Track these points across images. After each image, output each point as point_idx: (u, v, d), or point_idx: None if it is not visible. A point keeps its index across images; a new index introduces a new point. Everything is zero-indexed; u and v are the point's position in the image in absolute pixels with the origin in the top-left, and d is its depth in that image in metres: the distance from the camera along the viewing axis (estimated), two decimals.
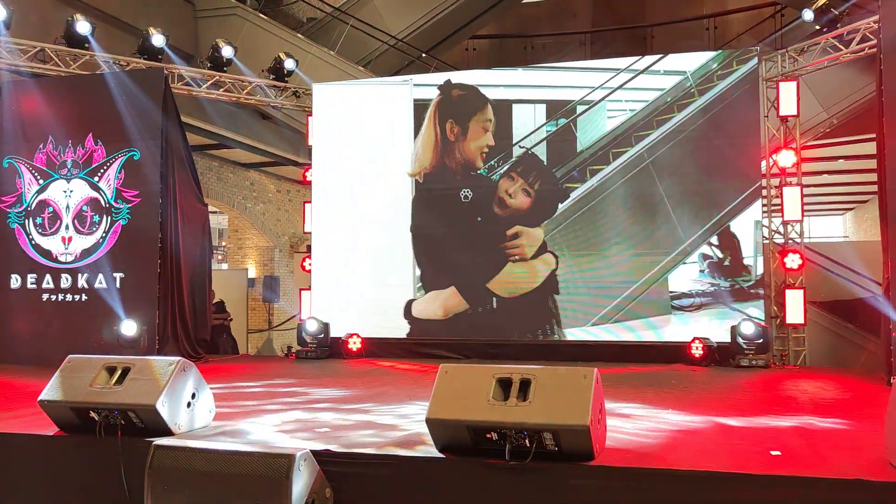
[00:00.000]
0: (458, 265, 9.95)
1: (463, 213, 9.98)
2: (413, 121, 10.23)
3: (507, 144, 9.92)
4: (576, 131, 9.78)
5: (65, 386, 4.47)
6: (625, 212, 9.59)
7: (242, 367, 8.98)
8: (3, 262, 9.37)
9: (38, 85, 9.48)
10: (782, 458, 3.85)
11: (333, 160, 10.52)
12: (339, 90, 10.84)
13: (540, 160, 9.87)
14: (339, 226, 10.41)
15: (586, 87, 9.86)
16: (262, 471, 3.56)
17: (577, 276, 9.61)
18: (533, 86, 10.21)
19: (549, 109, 9.96)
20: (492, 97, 10.07)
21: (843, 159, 14.47)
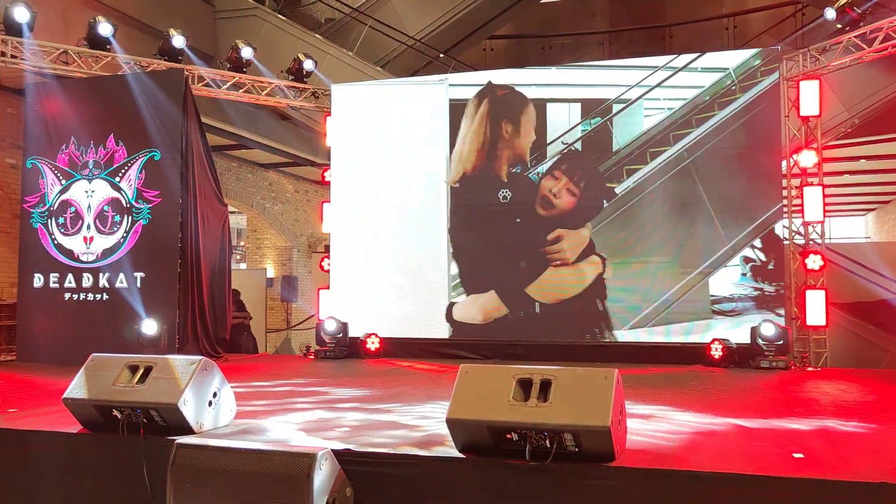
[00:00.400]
0: (497, 268, 9.82)
1: (503, 215, 9.85)
2: (448, 121, 10.13)
3: (543, 144, 9.79)
4: (612, 130, 9.62)
5: (89, 384, 4.51)
6: (663, 213, 9.41)
7: (261, 367, 9.02)
8: (27, 261, 9.48)
9: (60, 86, 9.58)
10: (805, 461, 3.82)
11: (352, 160, 10.54)
12: (358, 90, 10.86)
13: (583, 156, 9.74)
14: (358, 226, 10.43)
15: (622, 85, 9.69)
16: (283, 470, 3.58)
17: (614, 279, 9.44)
18: (567, 84, 10.06)
19: (585, 108, 9.80)
20: (526, 96, 9.95)
21: (864, 159, 14.33)
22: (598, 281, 9.46)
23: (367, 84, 11.58)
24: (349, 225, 10.49)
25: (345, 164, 10.59)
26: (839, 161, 13.88)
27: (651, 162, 9.47)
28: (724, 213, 9.15)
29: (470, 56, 16.92)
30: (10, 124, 9.91)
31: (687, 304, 9.18)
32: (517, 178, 9.85)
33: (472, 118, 10.10)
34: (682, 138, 9.40)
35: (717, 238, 9.17)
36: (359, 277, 10.35)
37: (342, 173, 10.59)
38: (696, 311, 9.18)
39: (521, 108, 9.97)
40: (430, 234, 10.13)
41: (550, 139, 9.80)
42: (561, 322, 9.56)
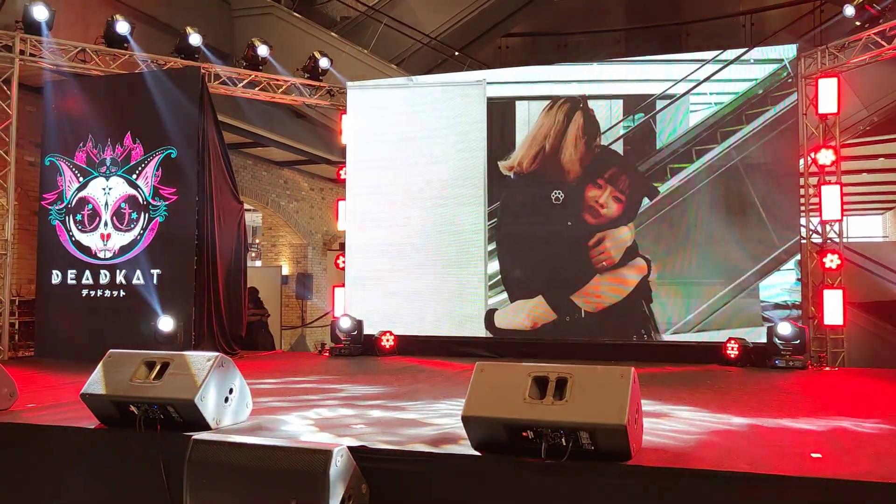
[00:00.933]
0: (546, 273, 9.64)
1: (554, 217, 9.66)
2: (486, 120, 9.98)
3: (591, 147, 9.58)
4: (655, 128, 9.36)
5: (106, 380, 4.54)
6: (710, 214, 9.12)
7: (277, 364, 9.05)
8: (45, 258, 9.55)
9: (78, 84, 9.64)
10: (822, 461, 3.80)
11: (369, 159, 10.55)
12: (375, 88, 10.85)
13: (622, 157, 9.52)
14: (373, 224, 10.43)
15: (667, 79, 9.39)
16: (299, 466, 3.59)
17: (659, 282, 9.24)
18: (608, 80, 9.73)
19: (627, 105, 9.55)
20: (565, 93, 9.75)
21: (883, 157, 14.22)
22: (643, 283, 9.27)
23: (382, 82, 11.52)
24: (365, 223, 10.50)
25: (361, 161, 10.59)
26: (857, 159, 13.78)
27: (697, 160, 9.20)
28: (776, 215, 8.85)
29: (485, 54, 16.90)
30: (28, 122, 9.99)
31: (735, 310, 8.88)
32: (570, 182, 9.64)
33: (552, 118, 9.82)
34: (731, 135, 9.09)
35: (769, 241, 8.87)
36: (374, 275, 10.36)
37: (358, 171, 10.60)
38: (745, 317, 8.87)
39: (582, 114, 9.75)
40: (452, 233, 10.07)
41: (602, 130, 9.56)
42: (607, 326, 9.38)
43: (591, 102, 9.64)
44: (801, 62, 9.21)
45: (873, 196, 19.12)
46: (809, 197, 9.31)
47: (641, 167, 9.40)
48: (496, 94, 10.08)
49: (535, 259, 9.73)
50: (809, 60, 9.37)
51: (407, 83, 10.80)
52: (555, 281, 9.61)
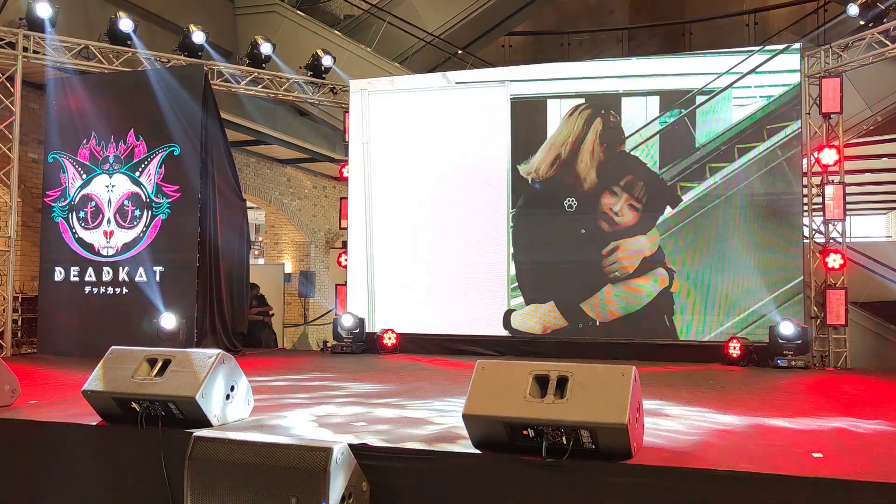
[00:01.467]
0: (558, 280, 9.56)
1: (568, 224, 9.58)
2: (510, 123, 9.88)
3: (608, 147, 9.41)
4: (693, 124, 9.12)
5: (108, 377, 4.54)
6: (751, 216, 8.91)
7: (279, 361, 9.06)
8: (48, 255, 9.57)
9: (81, 82, 9.66)
10: (824, 461, 3.79)
11: (372, 157, 10.54)
12: (379, 86, 10.84)
13: (642, 164, 9.24)
14: (377, 222, 10.43)
15: (709, 73, 9.12)
16: (300, 463, 3.59)
17: (687, 288, 9.07)
18: (643, 75, 9.48)
19: (664, 101, 9.32)
20: (595, 90, 9.57)
21: (886, 157, 14.17)
22: (663, 295, 9.11)
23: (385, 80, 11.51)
24: (367, 221, 10.50)
25: (364, 160, 10.59)
26: (860, 159, 13.73)
27: (739, 158, 8.94)
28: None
29: (488, 53, 16.88)
30: (31, 119, 10.01)
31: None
32: (585, 190, 9.57)
33: (571, 125, 9.71)
34: (778, 132, 8.90)
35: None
36: (377, 273, 10.37)
37: (361, 169, 10.60)
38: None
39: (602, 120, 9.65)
40: (458, 233, 10.07)
41: (628, 133, 9.38)
42: (622, 336, 9.29)
43: (626, 100, 9.40)
44: (804, 61, 9.19)
45: (876, 196, 19.06)
46: (812, 196, 9.30)
47: (677, 166, 9.14)
48: (523, 91, 9.92)
49: (548, 264, 9.68)
50: (813, 60, 9.35)
51: (432, 86, 10.58)
52: (566, 288, 9.53)
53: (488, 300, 9.87)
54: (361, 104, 10.63)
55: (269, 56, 10.75)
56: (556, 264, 9.61)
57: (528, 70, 10.35)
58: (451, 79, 10.44)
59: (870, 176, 15.83)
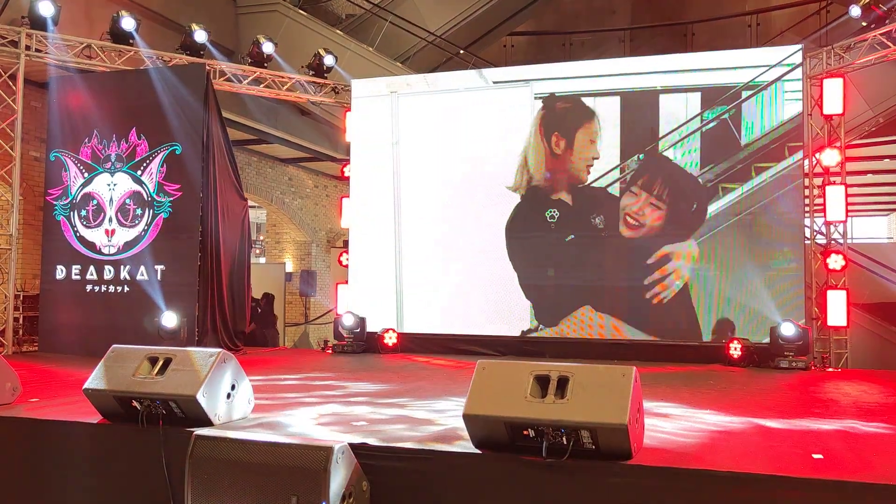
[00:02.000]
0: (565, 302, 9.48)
1: (554, 230, 9.55)
2: (533, 127, 9.74)
3: (633, 149, 9.19)
4: (739, 121, 8.85)
5: (109, 375, 4.55)
6: (754, 216, 8.78)
7: (280, 360, 9.06)
8: (49, 253, 9.58)
9: (83, 80, 9.66)
10: (824, 462, 3.79)
11: (374, 157, 10.54)
12: (380, 86, 10.84)
13: (668, 160, 8.95)
14: (378, 221, 10.44)
15: (758, 65, 8.82)
16: (300, 462, 3.60)
17: (719, 291, 8.90)
18: (686, 70, 9.21)
19: (706, 97, 9.07)
20: (635, 86, 9.36)
21: (888, 158, 14.16)
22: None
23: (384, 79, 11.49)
24: (369, 220, 10.51)
25: (365, 159, 10.59)
26: (862, 160, 13.73)
27: (789, 157, 8.73)
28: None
29: (490, 53, 16.88)
30: (33, 117, 10.02)
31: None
32: (583, 191, 9.48)
33: (530, 130, 9.74)
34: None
35: None
36: (377, 272, 10.37)
37: (362, 169, 10.61)
38: None
39: (582, 121, 9.55)
40: (460, 232, 10.06)
41: (664, 132, 9.16)
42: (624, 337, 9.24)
43: (664, 97, 9.19)
44: (806, 62, 9.18)
45: (878, 197, 19.05)
46: (814, 198, 9.29)
47: (717, 168, 8.93)
48: (558, 89, 9.75)
49: (550, 288, 9.68)
50: (815, 61, 9.35)
51: (460, 87, 10.41)
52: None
53: (491, 300, 9.87)
54: (363, 103, 10.61)
55: (271, 55, 10.75)
56: (559, 287, 9.54)
57: (562, 68, 10.11)
58: (487, 77, 10.26)
59: (871, 177, 15.83)
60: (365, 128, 10.61)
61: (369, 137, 10.57)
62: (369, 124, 10.58)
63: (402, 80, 10.78)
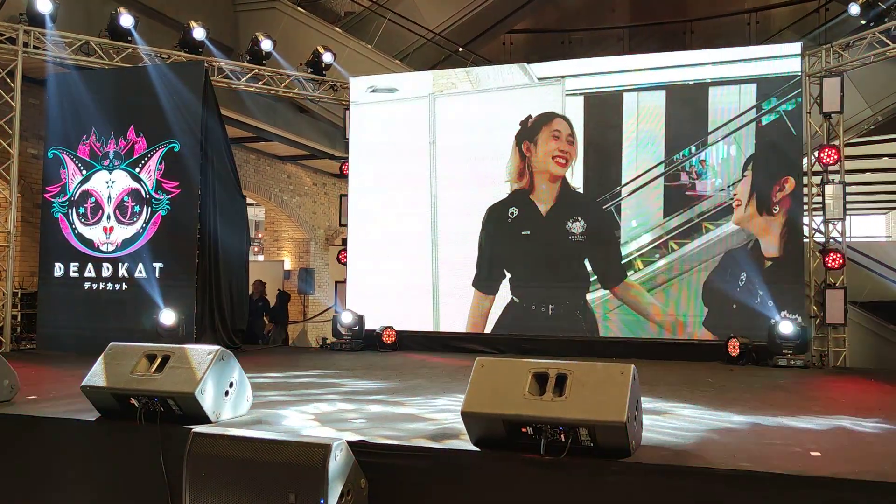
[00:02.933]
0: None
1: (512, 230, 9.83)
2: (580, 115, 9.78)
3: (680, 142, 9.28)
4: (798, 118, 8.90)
5: (106, 373, 4.54)
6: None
7: (278, 358, 9.06)
8: (48, 250, 9.57)
9: (82, 77, 9.65)
10: (823, 460, 3.79)
11: (372, 154, 10.53)
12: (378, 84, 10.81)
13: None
14: (377, 219, 10.43)
15: (761, 58, 8.87)
16: (298, 460, 3.59)
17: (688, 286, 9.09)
18: (737, 61, 9.21)
19: (762, 89, 9.06)
20: (679, 79, 9.37)
21: (886, 157, 14.18)
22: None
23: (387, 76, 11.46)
24: (368, 218, 10.50)
25: (364, 157, 10.58)
26: (861, 159, 13.74)
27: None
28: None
29: (489, 50, 16.86)
30: (31, 115, 10.00)
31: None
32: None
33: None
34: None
35: None
36: (375, 270, 10.36)
37: (361, 167, 10.60)
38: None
39: (544, 123, 9.81)
40: (456, 232, 10.09)
41: (713, 126, 9.18)
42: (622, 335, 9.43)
43: (713, 89, 9.22)
44: (805, 60, 9.18)
45: (876, 196, 19.08)
46: (812, 196, 9.29)
47: (777, 166, 8.95)
48: (599, 84, 9.76)
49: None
50: (814, 59, 9.35)
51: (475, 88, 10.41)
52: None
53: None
54: (362, 102, 10.59)
55: (270, 53, 10.75)
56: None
57: (600, 63, 10.09)
58: (533, 73, 10.16)
59: (870, 175, 15.84)
60: (365, 126, 10.60)
61: (370, 135, 10.55)
62: (370, 122, 10.56)
63: (440, 78, 10.69)
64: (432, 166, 10.25)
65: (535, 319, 9.62)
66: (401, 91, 10.57)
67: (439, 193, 10.19)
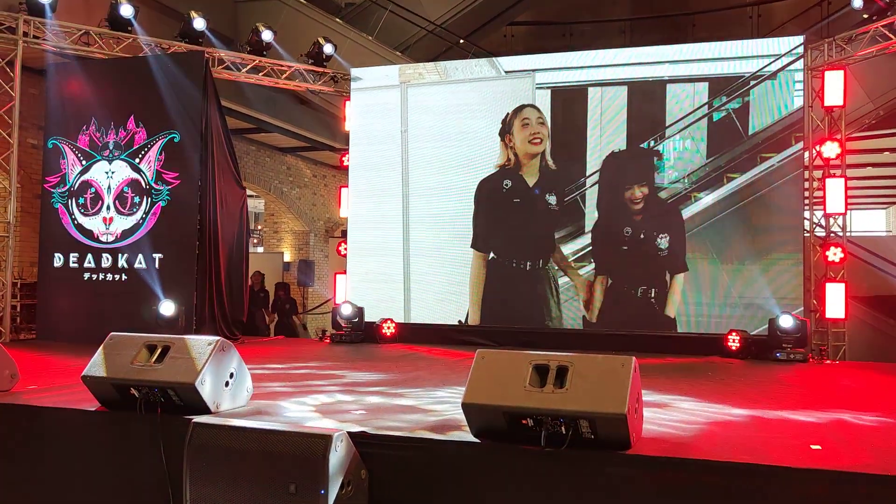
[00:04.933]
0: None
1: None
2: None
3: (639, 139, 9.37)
4: (747, 111, 9.01)
5: (107, 363, 4.54)
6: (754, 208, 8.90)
7: (278, 349, 9.06)
8: (47, 241, 9.56)
9: (82, 67, 9.62)
10: (822, 453, 3.80)
11: (374, 146, 10.51)
12: (380, 75, 10.78)
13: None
14: (377, 211, 10.42)
15: (761, 55, 8.97)
16: (299, 450, 3.59)
17: (717, 282, 9.06)
18: (690, 60, 9.32)
19: (714, 87, 9.22)
20: (641, 76, 9.45)
21: (888, 151, 14.16)
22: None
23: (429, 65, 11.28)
24: (368, 210, 10.48)
25: (367, 148, 10.56)
26: (862, 153, 13.72)
27: (795, 145, 8.91)
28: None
29: (490, 42, 16.81)
30: (31, 105, 9.97)
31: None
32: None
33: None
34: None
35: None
36: (376, 262, 10.35)
37: (363, 158, 10.58)
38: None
39: (517, 114, 9.96)
40: (455, 224, 10.08)
41: (670, 122, 9.29)
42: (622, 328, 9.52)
43: (671, 87, 9.32)
44: (807, 54, 9.15)
45: (877, 190, 19.05)
46: (813, 190, 9.28)
47: (724, 158, 9.06)
48: (563, 80, 9.84)
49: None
50: (816, 52, 9.31)
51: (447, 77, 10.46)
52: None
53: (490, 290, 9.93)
54: (395, 94, 10.53)
55: (270, 44, 10.70)
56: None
57: (564, 58, 10.12)
58: (500, 67, 10.27)
59: (871, 170, 15.82)
60: (366, 117, 10.57)
61: (370, 127, 10.53)
62: (371, 113, 10.54)
63: (407, 70, 10.70)
64: (436, 156, 10.23)
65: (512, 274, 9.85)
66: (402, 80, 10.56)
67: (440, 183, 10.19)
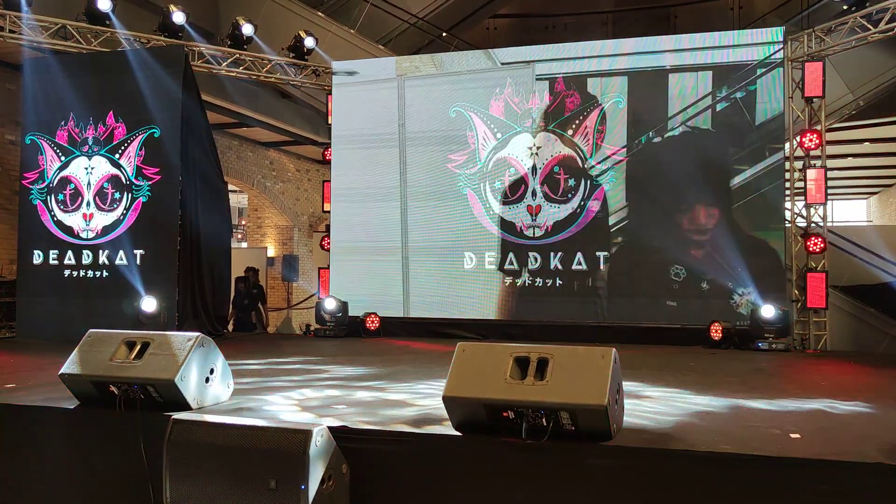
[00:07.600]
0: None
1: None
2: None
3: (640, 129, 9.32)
4: (754, 102, 9.00)
5: (85, 360, 4.50)
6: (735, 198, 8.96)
7: (260, 345, 9.03)
8: (26, 238, 9.46)
9: (59, 62, 9.50)
10: (801, 441, 3.82)
11: (353, 140, 10.47)
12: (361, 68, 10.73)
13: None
14: (361, 205, 10.39)
15: (770, 41, 8.95)
16: (279, 446, 3.58)
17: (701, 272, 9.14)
18: (694, 48, 9.27)
19: (717, 76, 9.18)
20: (641, 66, 9.40)
21: (868, 142, 14.28)
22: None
23: (371, 61, 11.36)
24: (351, 204, 10.45)
25: (346, 143, 10.52)
26: (842, 144, 13.82)
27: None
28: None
29: (473, 35, 16.79)
30: (8, 100, 9.86)
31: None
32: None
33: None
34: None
35: None
36: (359, 257, 10.33)
37: (346, 152, 10.54)
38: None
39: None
40: (444, 215, 10.09)
41: (672, 113, 9.27)
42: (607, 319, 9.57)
43: (672, 76, 9.27)
44: (787, 45, 9.19)
45: (858, 180, 19.21)
46: (794, 181, 9.33)
47: (733, 149, 9.06)
48: (564, 70, 9.77)
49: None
50: (796, 44, 9.36)
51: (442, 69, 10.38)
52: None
53: (472, 284, 9.88)
54: (398, 87, 10.47)
55: (251, 37, 10.63)
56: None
57: (566, 49, 10.00)
58: (496, 59, 10.16)
59: (852, 160, 15.94)
60: (350, 111, 10.53)
61: (354, 120, 10.49)
62: (355, 107, 10.50)
63: (403, 63, 10.63)
64: (422, 150, 10.22)
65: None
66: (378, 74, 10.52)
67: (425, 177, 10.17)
